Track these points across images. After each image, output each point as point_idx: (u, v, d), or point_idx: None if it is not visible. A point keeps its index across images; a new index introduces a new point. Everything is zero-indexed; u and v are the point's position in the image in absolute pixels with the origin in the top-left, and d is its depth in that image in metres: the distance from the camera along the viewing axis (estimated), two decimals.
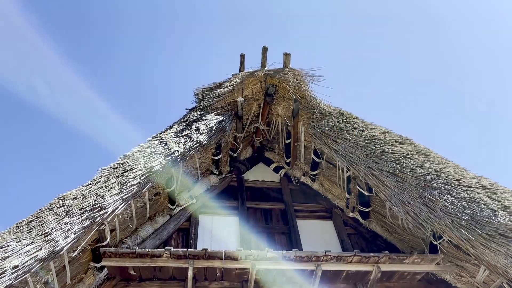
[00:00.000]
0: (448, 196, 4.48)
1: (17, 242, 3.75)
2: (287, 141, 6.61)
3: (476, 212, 4.26)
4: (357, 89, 18.81)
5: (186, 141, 5.31)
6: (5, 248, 3.65)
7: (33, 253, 3.59)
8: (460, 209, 4.33)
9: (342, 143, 5.46)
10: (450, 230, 4.20)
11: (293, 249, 4.69)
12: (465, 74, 18.36)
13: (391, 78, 18.85)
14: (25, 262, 3.50)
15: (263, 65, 6.69)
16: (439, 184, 4.63)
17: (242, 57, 6.98)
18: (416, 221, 4.48)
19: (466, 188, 4.62)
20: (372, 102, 18.57)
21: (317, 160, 6.17)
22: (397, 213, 4.68)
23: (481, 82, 18.15)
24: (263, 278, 4.83)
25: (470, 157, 17.86)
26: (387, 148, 5.25)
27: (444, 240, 4.62)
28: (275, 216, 6.13)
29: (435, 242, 4.71)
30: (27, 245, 3.69)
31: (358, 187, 5.55)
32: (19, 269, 3.45)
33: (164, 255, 4.42)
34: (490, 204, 4.39)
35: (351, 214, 5.97)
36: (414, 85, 18.93)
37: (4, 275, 3.34)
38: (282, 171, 6.90)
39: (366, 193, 5.46)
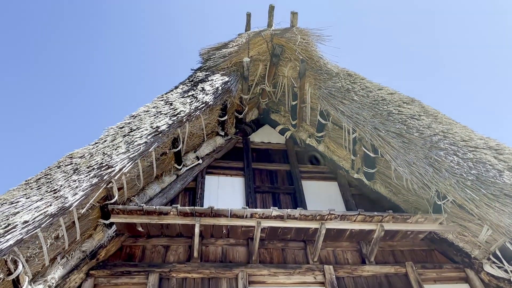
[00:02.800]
0: (454, 156, 4.47)
1: (26, 198, 3.81)
2: (293, 103, 6.57)
3: (482, 173, 4.25)
4: (366, 50, 18.46)
5: (191, 101, 5.28)
6: (15, 204, 3.72)
7: (43, 209, 3.66)
8: (465, 170, 4.33)
9: (349, 104, 5.41)
10: (454, 190, 4.21)
11: (297, 208, 4.75)
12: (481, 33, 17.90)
13: (402, 40, 18.43)
14: (35, 218, 3.57)
15: (269, 25, 6.54)
16: (446, 145, 4.61)
17: (248, 16, 6.81)
18: (421, 182, 4.49)
19: (473, 149, 4.59)
20: (381, 64, 18.27)
21: (323, 122, 6.14)
22: (402, 174, 4.69)
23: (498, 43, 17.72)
24: (268, 236, 4.94)
25: (477, 119, 17.68)
26: (394, 109, 5.20)
27: (448, 200, 4.65)
28: (280, 177, 6.18)
29: (439, 203, 4.74)
30: (37, 201, 3.75)
31: (363, 149, 5.54)
32: (29, 224, 3.51)
33: (171, 213, 4.50)
34: (496, 164, 4.38)
35: (356, 176, 6.01)
36: (425, 47, 18.53)
37: (15, 229, 3.40)
38: (288, 133, 6.90)
39: (372, 155, 5.46)
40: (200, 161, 5.90)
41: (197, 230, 4.55)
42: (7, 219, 3.49)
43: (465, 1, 17.68)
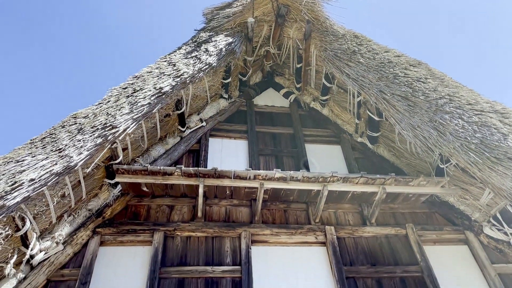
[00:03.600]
0: (459, 120, 4.44)
1: (32, 157, 3.85)
2: (298, 66, 6.48)
3: (486, 136, 4.24)
4: (374, 11, 18.02)
5: (195, 62, 5.22)
6: (21, 162, 3.76)
7: (49, 168, 3.70)
8: (470, 133, 4.31)
9: (355, 66, 5.33)
10: (458, 153, 4.21)
11: (300, 170, 4.79)
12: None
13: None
14: (41, 176, 3.62)
15: None
16: (451, 108, 4.57)
17: None
18: (425, 145, 4.49)
19: (478, 113, 4.56)
20: (389, 26, 17.87)
21: (328, 85, 6.08)
22: (406, 137, 4.68)
23: None
24: (270, 198, 5.00)
25: (485, 82, 17.43)
26: (400, 72, 5.12)
27: (451, 164, 4.66)
28: (283, 140, 6.19)
29: (442, 166, 4.76)
30: (42, 160, 3.78)
31: (368, 112, 5.51)
32: (35, 182, 3.57)
33: (176, 173, 4.55)
34: (501, 128, 4.36)
35: (359, 139, 6.01)
36: (435, 11, 18.04)
37: (21, 187, 3.46)
38: (292, 97, 6.85)
39: (376, 118, 5.43)
40: (204, 123, 5.90)
41: (201, 190, 4.60)
42: (14, 177, 3.54)
43: None
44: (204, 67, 5.20)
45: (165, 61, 5.39)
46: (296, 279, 4.34)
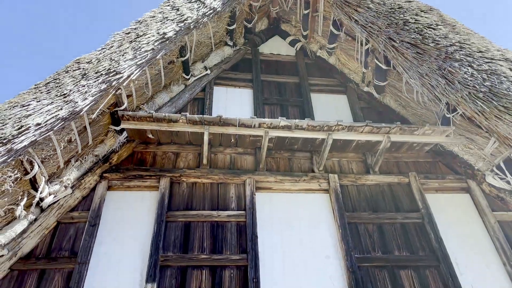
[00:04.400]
0: (469, 68, 4.35)
1: (37, 101, 3.85)
2: (305, 12, 6.28)
3: (495, 85, 4.16)
4: None
5: (199, 7, 5.07)
6: (26, 107, 3.76)
7: (54, 113, 3.70)
8: (479, 81, 4.23)
9: (364, 12, 5.16)
10: (465, 102, 4.16)
11: (305, 119, 4.77)
12: None
13: None
14: (47, 121, 3.63)
15: None
16: (461, 56, 4.46)
17: None
18: (432, 94, 4.43)
19: (489, 60, 4.45)
20: None
21: (336, 32, 5.92)
22: (413, 85, 4.62)
23: None
24: (275, 146, 5.03)
25: (498, 30, 16.91)
26: (410, 18, 4.96)
27: (458, 113, 4.62)
28: (289, 89, 6.13)
29: (448, 115, 4.72)
30: (48, 105, 3.78)
31: (376, 61, 5.40)
32: (42, 127, 3.59)
33: (181, 120, 4.55)
34: (511, 76, 4.27)
35: (366, 89, 5.93)
36: None
37: (28, 131, 3.48)
38: (298, 45, 6.70)
39: (384, 67, 5.33)
40: (208, 71, 5.82)
41: (206, 138, 4.63)
42: (20, 121, 3.56)
43: None
44: (208, 12, 5.06)
45: (168, 5, 5.24)
46: (299, 223, 4.46)
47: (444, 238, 4.35)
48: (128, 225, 4.25)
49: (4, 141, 3.37)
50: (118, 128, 4.63)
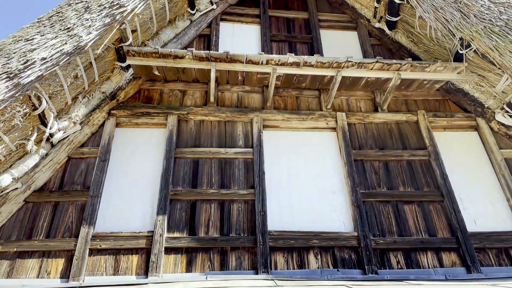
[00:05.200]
0: (486, 0, 4.16)
1: (41, 36, 3.77)
2: None
3: None
4: None
5: None
6: (30, 41, 3.70)
7: (59, 47, 3.64)
8: (495, 15, 4.07)
9: None
10: (480, 37, 4.03)
11: (314, 55, 4.67)
12: None
13: None
14: (52, 55, 3.57)
15: None
16: None
17: None
18: (446, 29, 4.29)
19: None
20: None
21: None
22: (427, 20, 4.46)
23: None
24: (283, 84, 4.97)
25: None
26: None
27: (471, 49, 4.49)
28: (297, 25, 5.94)
29: (461, 51, 4.59)
30: (52, 39, 3.71)
31: None
32: (47, 61, 3.54)
33: (187, 56, 4.47)
34: None
35: (377, 25, 5.74)
36: None
37: (34, 65, 3.44)
38: None
39: (397, 1, 5.12)
40: (214, 6, 5.63)
41: (212, 75, 4.57)
42: (25, 56, 3.51)
43: None
44: None
45: None
46: (306, 161, 4.51)
47: (450, 175, 4.40)
48: (137, 161, 4.32)
49: (11, 76, 3.35)
50: (124, 65, 4.57)
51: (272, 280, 3.55)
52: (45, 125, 3.91)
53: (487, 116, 4.80)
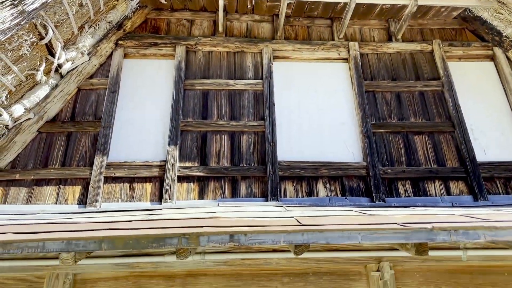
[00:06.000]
0: None
1: None
2: None
3: None
4: None
5: None
6: None
7: None
8: None
9: None
10: None
11: None
12: None
13: None
14: None
15: None
16: None
17: None
18: None
19: None
20: None
21: None
22: None
23: None
24: (293, 12, 4.79)
25: None
26: None
27: None
28: None
29: None
30: None
31: None
32: None
33: None
34: None
35: None
36: None
37: None
38: None
39: None
40: None
41: (221, 2, 4.40)
42: None
43: None
44: None
45: None
46: (316, 92, 4.46)
47: (462, 105, 4.35)
48: (147, 92, 4.31)
49: (15, 3, 3.27)
50: None
51: (282, 206, 3.66)
52: (53, 56, 3.86)
53: (504, 45, 4.63)
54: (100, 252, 2.95)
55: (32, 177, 3.77)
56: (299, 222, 2.45)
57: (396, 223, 2.42)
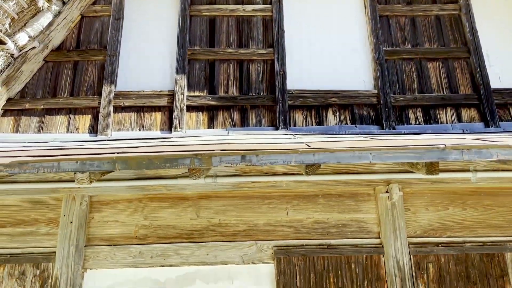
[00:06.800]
0: None
1: None
2: None
3: None
4: None
5: None
6: None
7: None
8: None
9: None
10: None
11: None
12: None
13: None
14: None
15: None
16: None
17: None
18: None
19: None
20: None
21: None
22: None
23: None
24: None
25: None
26: None
27: None
28: None
29: None
30: None
31: None
32: None
33: None
34: None
35: None
36: None
37: None
38: None
39: None
40: None
41: None
42: None
43: None
44: None
45: None
46: (328, 18, 4.28)
47: (480, 30, 4.17)
48: (152, 19, 4.18)
49: None
50: None
51: (291, 134, 3.66)
52: None
53: None
54: (114, 174, 3.02)
55: (42, 107, 3.77)
56: (309, 146, 2.45)
57: (407, 145, 2.41)
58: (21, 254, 3.00)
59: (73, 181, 2.78)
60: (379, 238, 3.16)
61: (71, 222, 3.04)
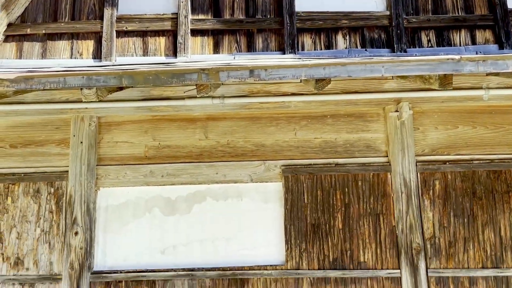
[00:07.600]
0: None
1: None
2: None
3: None
4: None
5: None
6: None
7: None
8: None
9: None
10: None
11: None
12: None
13: None
14: None
15: None
16: None
17: None
18: None
19: None
20: None
21: None
22: None
23: None
24: None
25: None
26: None
27: None
28: None
29: None
30: None
31: None
32: None
33: None
34: None
35: None
36: None
37: None
38: None
39: None
40: None
41: None
42: None
43: None
44: None
45: None
46: None
47: None
48: None
49: None
50: None
51: (300, 58, 3.58)
52: None
53: None
54: (121, 94, 3.00)
55: (44, 31, 3.69)
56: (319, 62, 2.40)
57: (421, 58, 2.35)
58: (34, 173, 3.07)
59: (81, 101, 2.77)
60: (387, 156, 3.19)
61: (81, 142, 3.08)
